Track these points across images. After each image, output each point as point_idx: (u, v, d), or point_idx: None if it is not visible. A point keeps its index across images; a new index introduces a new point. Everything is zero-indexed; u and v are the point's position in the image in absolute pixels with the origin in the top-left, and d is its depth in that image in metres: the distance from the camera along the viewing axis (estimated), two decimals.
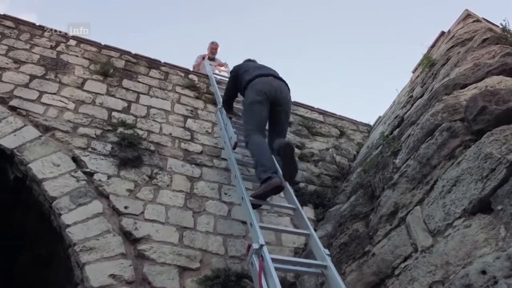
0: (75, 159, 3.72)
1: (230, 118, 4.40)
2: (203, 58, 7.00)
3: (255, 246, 2.73)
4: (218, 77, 5.80)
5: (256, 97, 3.79)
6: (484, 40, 3.53)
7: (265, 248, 2.71)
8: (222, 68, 6.78)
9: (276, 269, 2.62)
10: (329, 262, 2.80)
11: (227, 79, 4.92)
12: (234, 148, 4.00)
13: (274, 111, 3.87)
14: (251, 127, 3.75)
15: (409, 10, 23.86)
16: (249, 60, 4.76)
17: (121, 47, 5.33)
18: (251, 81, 3.92)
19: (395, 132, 3.92)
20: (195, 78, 5.49)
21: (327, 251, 2.90)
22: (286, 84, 4.05)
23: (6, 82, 4.13)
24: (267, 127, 3.98)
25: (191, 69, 6.22)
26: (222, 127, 4.41)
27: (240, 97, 4.60)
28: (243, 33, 24.53)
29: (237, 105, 4.68)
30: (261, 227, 3.02)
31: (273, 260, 2.68)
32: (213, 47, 7.21)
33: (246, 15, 23.97)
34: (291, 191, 3.65)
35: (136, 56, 5.32)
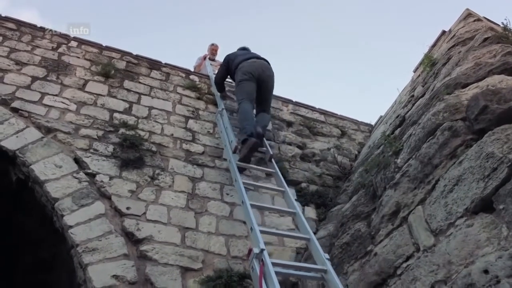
0: (77, 160, 3.73)
1: (224, 98, 5.12)
2: (204, 59, 7.01)
3: (255, 250, 2.74)
4: None
5: (243, 76, 4.58)
6: (485, 39, 3.53)
7: (265, 253, 2.72)
8: None
9: (277, 273, 2.63)
10: (329, 266, 2.81)
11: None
12: (234, 151, 4.03)
13: (259, 86, 4.62)
14: (242, 96, 4.52)
15: (410, 10, 23.86)
16: (243, 48, 5.31)
17: (122, 48, 5.35)
18: (239, 64, 4.69)
19: (397, 132, 3.92)
20: (196, 78, 5.50)
21: (327, 256, 2.92)
22: (269, 63, 4.82)
23: (8, 84, 4.14)
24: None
25: (192, 70, 6.23)
26: (222, 130, 4.42)
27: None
28: (244, 34, 24.54)
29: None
30: (262, 231, 3.03)
31: (274, 264, 2.69)
32: (213, 49, 7.23)
33: (247, 16, 23.99)
34: (291, 195, 3.67)
35: (137, 57, 5.33)
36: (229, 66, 4.88)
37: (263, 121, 4.52)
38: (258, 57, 4.81)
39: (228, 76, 5.05)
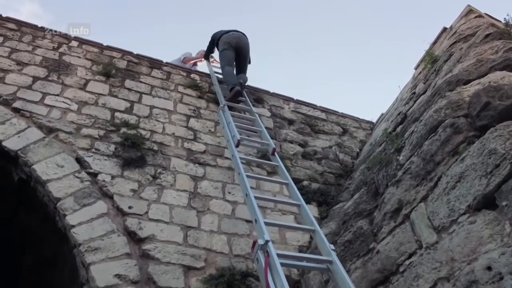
0: (78, 160, 3.73)
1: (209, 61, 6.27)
2: (202, 59, 6.97)
3: (260, 242, 2.71)
4: (220, 76, 5.81)
5: (224, 46, 5.61)
6: (487, 35, 3.52)
7: (270, 244, 2.68)
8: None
9: (282, 264, 2.60)
10: (334, 257, 2.77)
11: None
12: (237, 146, 4.01)
13: (237, 54, 5.65)
14: (224, 63, 5.57)
15: (411, 6, 23.78)
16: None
17: (122, 47, 5.35)
18: (221, 37, 5.71)
19: (398, 129, 3.91)
20: (197, 77, 5.50)
21: (332, 246, 2.87)
22: (245, 35, 5.84)
23: (9, 84, 4.14)
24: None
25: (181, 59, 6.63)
26: (225, 125, 4.42)
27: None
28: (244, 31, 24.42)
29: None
30: (266, 223, 3.00)
31: (279, 255, 2.65)
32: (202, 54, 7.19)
33: (248, 15, 23.92)
34: (295, 187, 3.64)
35: (138, 56, 5.33)
36: (214, 40, 5.93)
37: (242, 78, 5.60)
38: (236, 30, 5.80)
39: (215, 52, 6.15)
